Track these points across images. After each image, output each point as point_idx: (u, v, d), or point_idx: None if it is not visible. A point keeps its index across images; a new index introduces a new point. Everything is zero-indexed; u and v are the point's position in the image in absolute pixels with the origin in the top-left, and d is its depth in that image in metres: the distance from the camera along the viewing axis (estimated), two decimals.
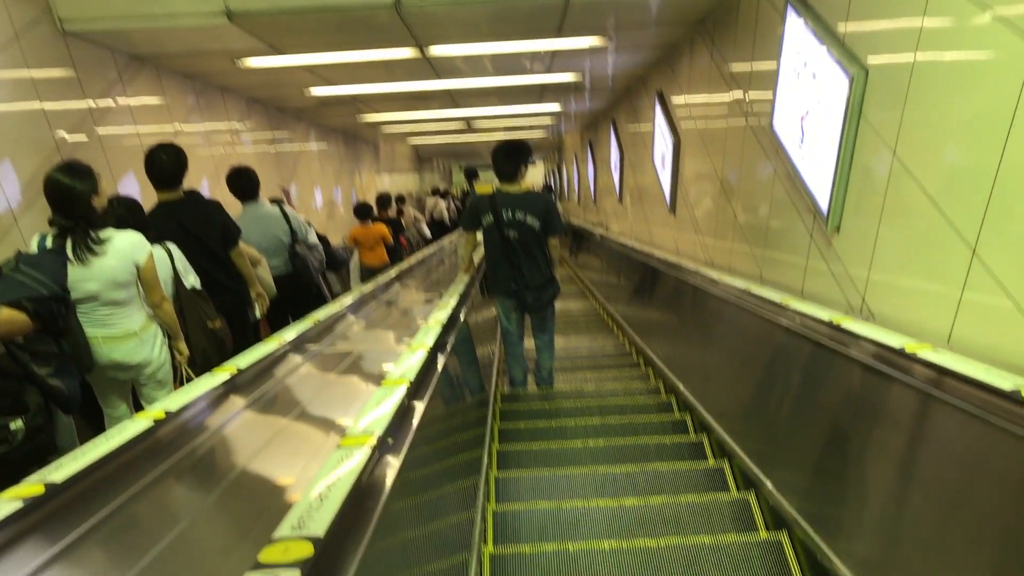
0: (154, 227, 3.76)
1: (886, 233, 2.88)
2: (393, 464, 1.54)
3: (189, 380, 3.49)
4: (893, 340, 2.29)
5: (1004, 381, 1.76)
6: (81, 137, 4.83)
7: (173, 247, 3.80)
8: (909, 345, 2.20)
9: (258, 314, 4.56)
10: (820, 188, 3.45)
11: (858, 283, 3.09)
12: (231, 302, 4.25)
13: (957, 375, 1.91)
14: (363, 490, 1.35)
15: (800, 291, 3.68)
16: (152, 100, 6.03)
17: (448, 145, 18.48)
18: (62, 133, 4.58)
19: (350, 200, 12.55)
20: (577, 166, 17.06)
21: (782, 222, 4.03)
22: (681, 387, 4.95)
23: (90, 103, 5.00)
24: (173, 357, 3.57)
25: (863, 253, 3.04)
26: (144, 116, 5.82)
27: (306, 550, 1.05)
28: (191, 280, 3.86)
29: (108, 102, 5.26)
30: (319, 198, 10.90)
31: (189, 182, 4.22)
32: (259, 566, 1.01)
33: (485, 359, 5.36)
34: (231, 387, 2.25)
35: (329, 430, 1.84)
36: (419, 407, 1.98)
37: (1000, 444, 1.75)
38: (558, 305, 5.53)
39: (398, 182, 17.92)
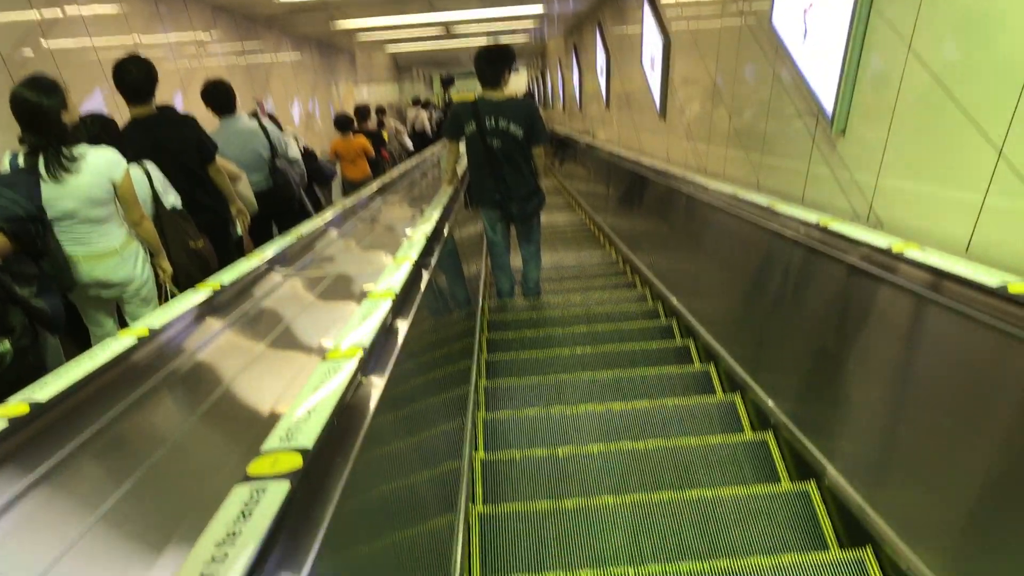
0: (129, 145, 3.67)
1: (899, 135, 2.69)
2: (381, 376, 1.54)
3: (174, 297, 3.48)
4: (880, 240, 2.28)
5: (991, 278, 1.76)
6: (27, 52, 4.59)
7: (151, 166, 3.72)
8: (896, 245, 2.19)
9: (239, 231, 4.51)
10: (824, 88, 3.25)
11: (865, 189, 2.93)
12: (211, 220, 4.19)
13: (944, 273, 1.91)
14: (351, 402, 1.34)
15: (800, 199, 3.53)
16: (107, 9, 5.70)
17: (428, 53, 17.85)
18: (6, 49, 4.36)
19: (328, 113, 12.24)
20: (561, 72, 16.36)
21: (781, 125, 3.82)
22: (667, 293, 4.97)
23: (36, 14, 4.73)
24: (156, 275, 3.54)
25: (871, 157, 2.86)
26: (100, 27, 5.52)
27: (295, 462, 1.05)
28: (171, 200, 3.80)
29: (56, 12, 4.98)
30: (295, 112, 10.62)
31: (157, 98, 4.09)
32: (248, 478, 1.01)
33: (472, 271, 5.35)
34: (214, 303, 2.23)
35: (315, 344, 1.83)
36: (406, 320, 1.97)
37: (986, 340, 1.76)
38: (544, 217, 5.48)
39: (377, 93, 17.30)
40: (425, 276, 2.50)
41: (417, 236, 2.92)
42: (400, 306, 2.01)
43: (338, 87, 13.60)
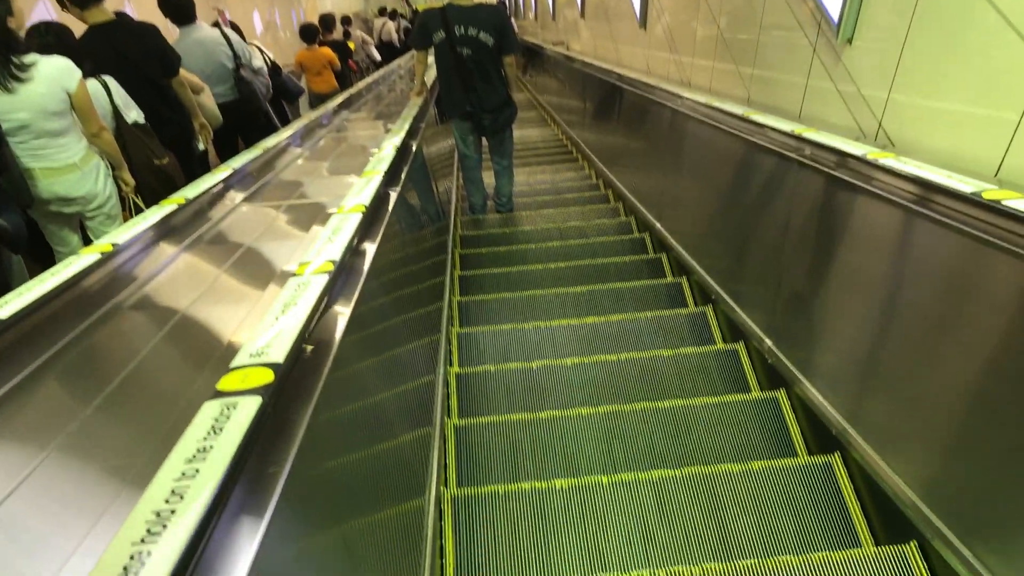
0: (88, 55, 3.52)
1: (918, 42, 2.32)
2: (352, 291, 1.51)
3: (139, 211, 3.40)
4: (856, 149, 2.26)
5: (965, 185, 1.75)
6: None
7: (110, 80, 3.58)
8: (872, 153, 2.17)
9: (201, 146, 4.39)
10: None
11: (874, 105, 2.59)
12: (175, 135, 4.08)
13: (920, 180, 1.90)
14: (322, 317, 1.32)
15: (797, 115, 3.16)
16: None
17: None
18: None
19: (290, 25, 11.75)
20: None
21: (777, 34, 3.42)
22: (641, 207, 4.95)
23: None
24: (120, 189, 3.45)
25: (883, 69, 2.50)
26: None
27: (266, 376, 1.03)
28: (133, 115, 3.67)
29: None
30: (256, 23, 10.19)
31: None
32: (219, 394, 0.99)
33: (443, 187, 5.28)
34: (179, 219, 2.17)
35: (284, 261, 1.79)
36: (376, 235, 1.93)
37: (958, 247, 1.76)
38: (517, 132, 5.41)
39: (342, 3, 16.45)
40: (395, 192, 2.45)
41: (385, 152, 2.85)
42: (370, 221, 1.97)
43: (222, 12, 12.65)
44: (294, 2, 12.36)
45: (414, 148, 3.29)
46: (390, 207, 2.23)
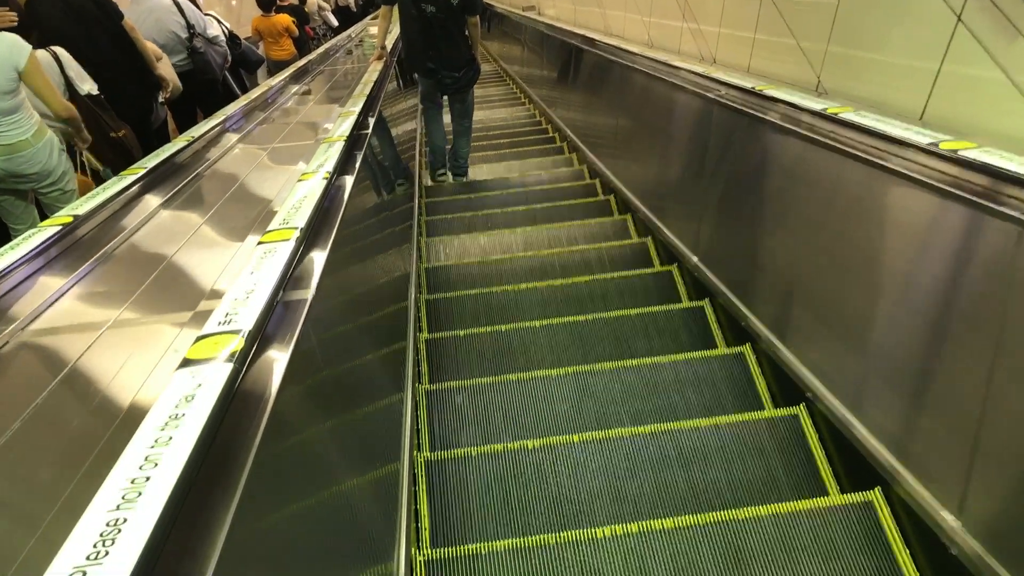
0: (42, 15, 3.44)
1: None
2: (319, 257, 1.50)
3: (95, 171, 3.34)
4: (816, 104, 2.28)
5: (923, 137, 1.78)
6: None
7: (61, 51, 3.48)
8: (832, 108, 2.19)
9: (160, 98, 4.28)
10: None
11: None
12: (136, 94, 3.98)
13: (879, 134, 1.93)
14: (291, 283, 1.31)
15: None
16: None
17: None
18: None
19: None
20: None
21: None
22: (625, 190, 4.82)
23: None
24: (75, 156, 3.38)
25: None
26: None
27: (236, 344, 1.03)
28: (86, 87, 3.58)
29: None
30: None
31: None
32: (188, 362, 0.98)
33: (406, 155, 5.23)
34: (140, 189, 2.14)
35: (250, 228, 1.78)
36: (342, 198, 1.92)
37: (915, 197, 1.79)
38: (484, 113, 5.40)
39: None
40: (358, 156, 2.43)
41: (346, 120, 2.82)
42: (334, 186, 1.95)
43: None
44: None
45: (375, 114, 3.25)
46: (354, 171, 2.21)
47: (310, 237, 1.53)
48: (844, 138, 2.09)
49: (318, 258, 1.48)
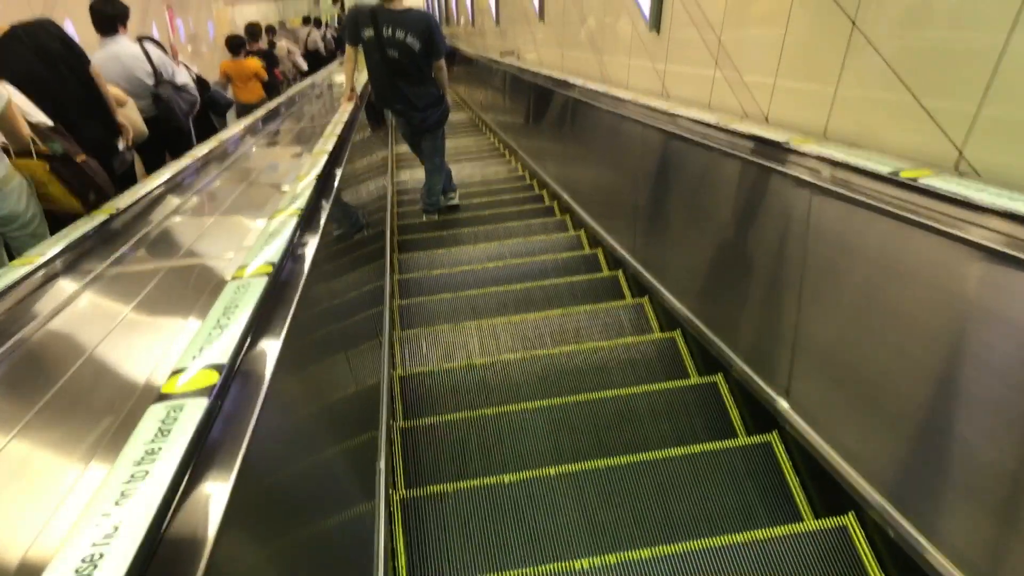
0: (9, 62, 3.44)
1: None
2: (293, 292, 1.51)
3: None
4: (779, 136, 2.34)
5: (883, 166, 1.83)
6: None
7: (7, 86, 3.47)
8: (795, 139, 2.25)
9: (121, 144, 4.26)
10: None
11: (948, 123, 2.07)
12: (97, 136, 3.96)
13: (840, 164, 1.97)
14: (265, 317, 1.32)
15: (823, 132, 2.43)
16: None
17: None
18: None
19: (178, 39, 10.01)
20: None
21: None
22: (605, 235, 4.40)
23: None
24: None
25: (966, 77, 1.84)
26: None
27: (211, 378, 1.03)
28: (38, 118, 3.55)
29: None
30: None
31: None
32: (164, 397, 0.98)
33: (378, 192, 5.26)
34: (111, 228, 2.13)
35: (222, 265, 1.78)
36: (314, 236, 1.93)
37: (880, 225, 1.83)
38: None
39: (249, 15, 14.31)
40: (330, 194, 2.44)
41: (317, 160, 2.83)
42: (307, 222, 1.96)
43: (194, 7, 10.74)
44: (187, 16, 10.59)
45: (345, 157, 3.26)
46: (326, 209, 2.22)
47: (283, 272, 1.54)
48: None
49: (293, 292, 1.49)
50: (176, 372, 1.05)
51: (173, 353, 1.17)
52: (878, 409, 1.90)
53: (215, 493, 0.89)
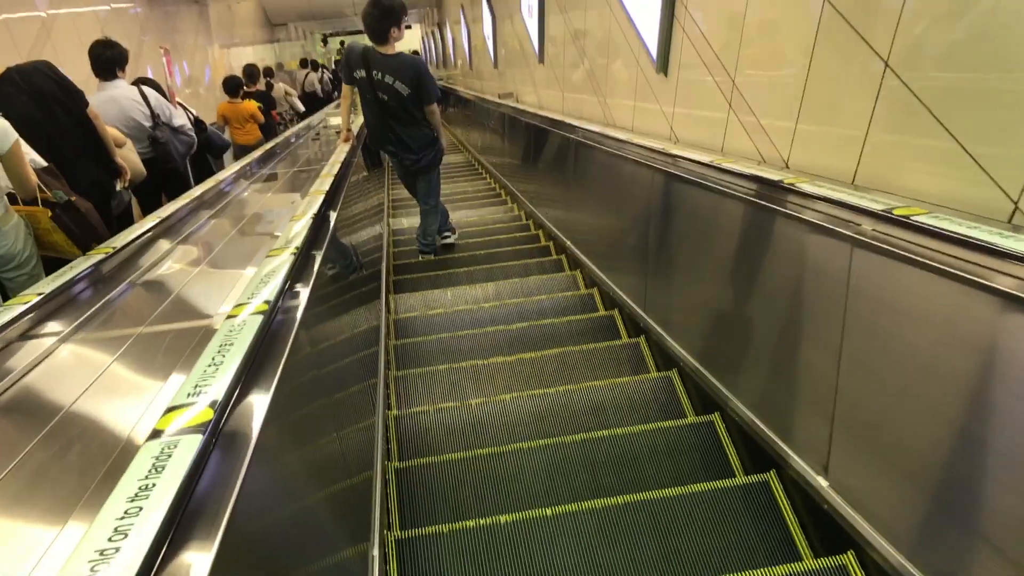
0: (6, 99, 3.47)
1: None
2: (288, 331, 1.51)
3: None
4: (774, 175, 2.36)
5: (876, 204, 1.85)
6: None
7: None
8: (788, 178, 2.27)
9: (119, 185, 4.28)
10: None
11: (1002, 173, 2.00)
12: (95, 177, 3.98)
13: (834, 201, 1.99)
14: (260, 356, 1.32)
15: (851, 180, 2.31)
16: None
17: (306, 1, 15.02)
18: None
19: (174, 82, 9.56)
20: (465, 22, 13.48)
21: None
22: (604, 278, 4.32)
23: None
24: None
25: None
26: None
27: (206, 415, 1.03)
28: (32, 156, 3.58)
29: None
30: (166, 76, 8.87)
31: None
32: (158, 434, 0.98)
33: (373, 240, 5.28)
34: (107, 268, 2.14)
35: (218, 303, 1.78)
36: (309, 276, 1.93)
37: (875, 262, 1.85)
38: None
39: (246, 57, 13.78)
40: (327, 233, 2.46)
41: (313, 201, 2.85)
42: (304, 259, 1.97)
43: (182, 53, 9.97)
44: (174, 62, 9.77)
45: (341, 198, 3.27)
46: (323, 248, 2.23)
47: (280, 309, 1.54)
48: None
49: (288, 328, 1.49)
50: (171, 409, 1.05)
51: (168, 391, 1.17)
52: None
53: (208, 534, 0.88)
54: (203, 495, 0.92)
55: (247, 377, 1.21)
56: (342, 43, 26.00)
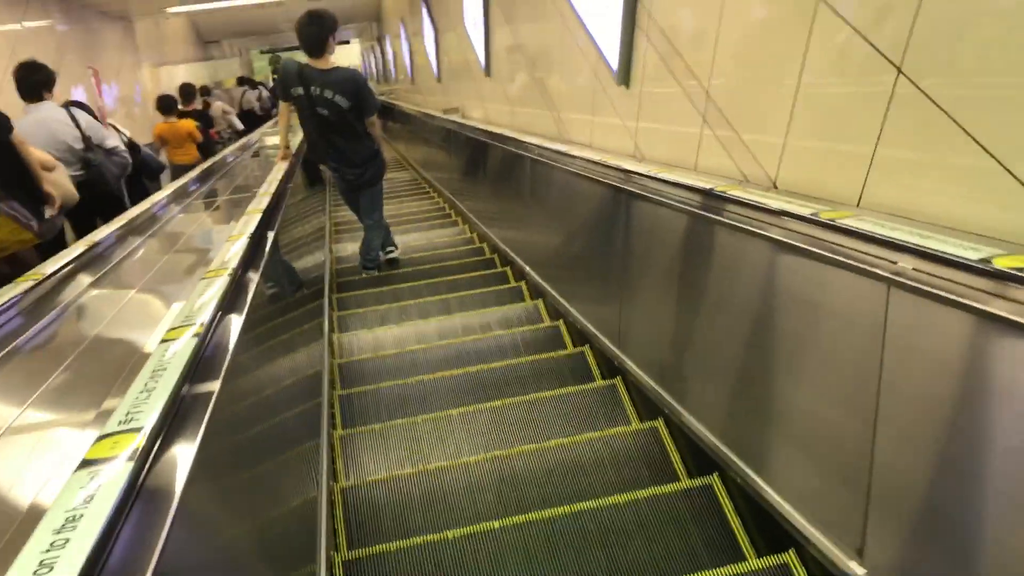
0: None
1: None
2: (225, 347, 1.49)
3: None
4: (707, 184, 2.41)
5: (804, 209, 1.90)
6: None
7: None
8: (720, 186, 2.32)
9: (48, 213, 4.17)
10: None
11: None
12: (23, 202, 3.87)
13: (773, 211, 2.04)
14: (195, 375, 1.30)
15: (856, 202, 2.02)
16: None
17: (239, 16, 14.28)
18: None
19: (104, 102, 9.10)
20: (406, 36, 13.13)
21: None
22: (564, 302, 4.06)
23: None
24: None
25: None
26: None
27: (135, 440, 1.01)
28: None
29: None
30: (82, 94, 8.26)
31: None
32: (87, 463, 0.96)
33: (314, 256, 5.23)
34: (36, 294, 2.08)
35: (152, 327, 1.75)
36: (247, 294, 1.92)
37: (807, 268, 1.89)
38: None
39: (179, 76, 13.05)
40: (264, 250, 2.44)
41: (251, 217, 2.82)
42: (238, 281, 1.95)
43: (102, 73, 9.29)
44: (88, 79, 9.10)
45: (278, 219, 3.21)
46: (260, 266, 2.21)
47: (213, 331, 1.52)
48: None
49: (225, 347, 1.48)
50: (102, 438, 1.03)
51: (100, 419, 1.14)
52: None
53: (139, 560, 0.86)
54: (133, 528, 0.91)
55: (181, 402, 1.19)
56: (273, 58, 25.62)
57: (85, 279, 2.32)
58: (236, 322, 1.70)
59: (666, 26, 3.05)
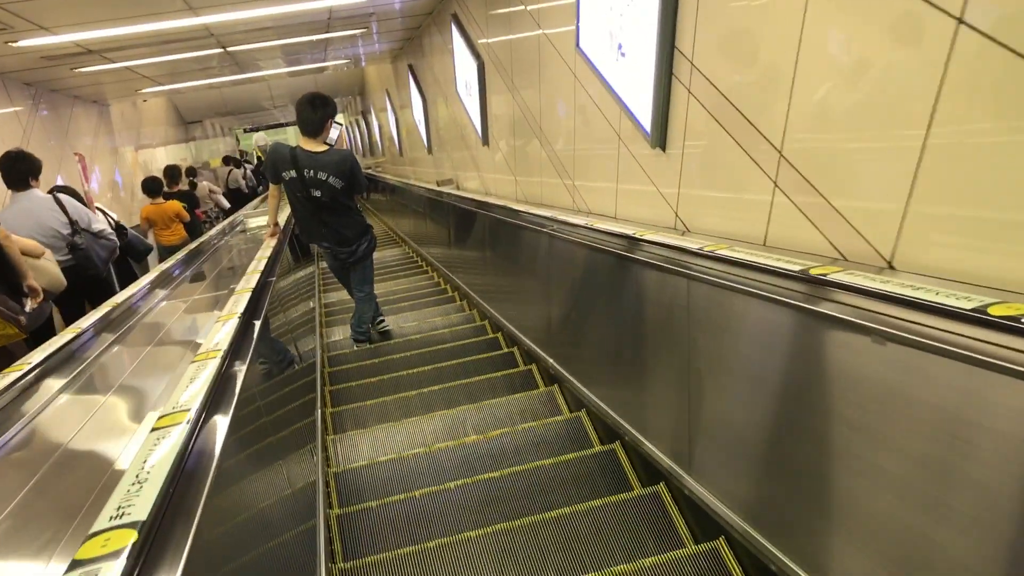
0: None
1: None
2: (218, 435, 1.47)
3: None
4: (693, 244, 2.42)
5: (793, 265, 1.90)
6: None
7: None
8: (708, 245, 2.33)
9: (28, 307, 4.15)
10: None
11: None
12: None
13: (752, 265, 2.05)
14: (189, 465, 1.27)
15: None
16: None
17: (218, 96, 14.12)
18: None
19: (90, 187, 8.96)
20: (393, 108, 12.91)
21: None
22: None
23: None
24: None
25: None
26: None
27: (129, 537, 0.98)
28: None
29: None
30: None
31: None
32: (77, 564, 0.93)
33: (306, 328, 5.21)
34: (25, 383, 2.06)
35: (142, 414, 1.72)
36: (239, 376, 1.89)
37: (789, 317, 1.89)
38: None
39: (162, 158, 12.96)
40: (253, 336, 2.41)
41: (240, 300, 2.80)
42: (231, 362, 1.93)
43: (78, 156, 8.96)
44: (67, 166, 8.59)
45: (267, 299, 3.16)
46: (250, 349, 2.19)
47: (206, 416, 1.50)
48: None
49: (218, 435, 1.45)
50: (92, 535, 1.00)
51: (91, 515, 1.12)
52: None
53: None
54: None
55: (173, 493, 1.16)
56: (245, 130, 25.89)
57: (74, 367, 2.29)
58: (228, 408, 1.67)
59: (714, 76, 2.59)
